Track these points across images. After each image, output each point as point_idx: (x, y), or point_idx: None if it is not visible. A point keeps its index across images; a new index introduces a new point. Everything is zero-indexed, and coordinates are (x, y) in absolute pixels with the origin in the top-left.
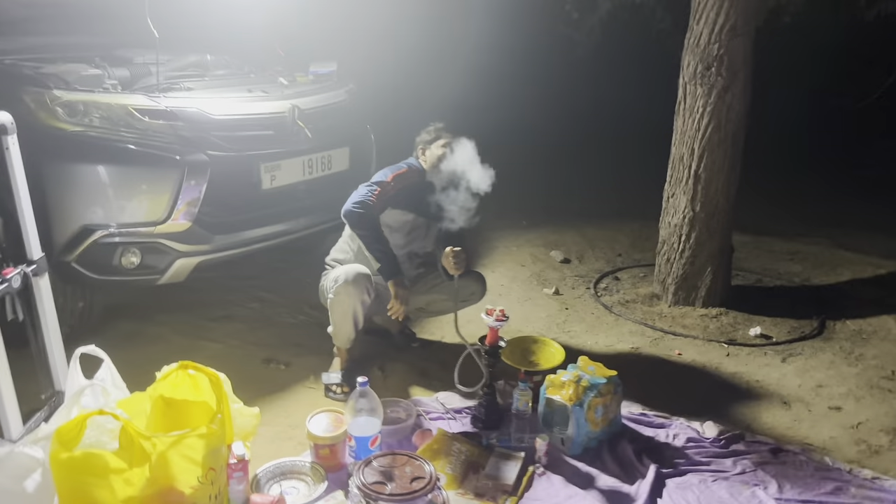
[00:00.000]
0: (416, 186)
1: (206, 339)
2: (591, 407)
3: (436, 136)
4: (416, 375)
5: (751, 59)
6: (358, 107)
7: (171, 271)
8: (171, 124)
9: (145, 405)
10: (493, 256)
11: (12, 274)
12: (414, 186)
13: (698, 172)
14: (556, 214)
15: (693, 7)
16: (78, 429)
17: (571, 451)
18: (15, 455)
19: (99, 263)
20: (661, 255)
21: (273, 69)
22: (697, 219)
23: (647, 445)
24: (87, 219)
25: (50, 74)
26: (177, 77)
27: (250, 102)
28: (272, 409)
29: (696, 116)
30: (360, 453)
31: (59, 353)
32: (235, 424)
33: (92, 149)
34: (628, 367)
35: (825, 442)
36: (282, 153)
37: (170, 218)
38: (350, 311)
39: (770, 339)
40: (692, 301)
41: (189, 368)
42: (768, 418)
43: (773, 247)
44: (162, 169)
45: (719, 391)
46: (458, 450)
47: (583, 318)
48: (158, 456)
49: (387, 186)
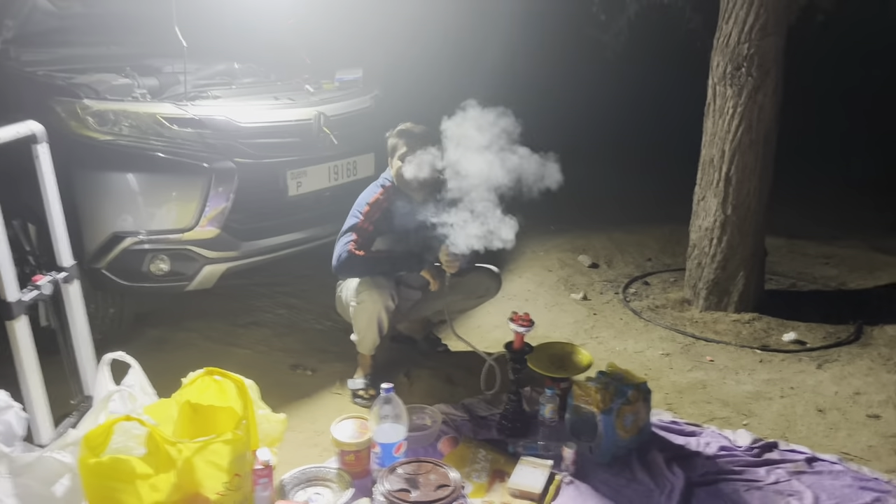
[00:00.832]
0: (397, 206)
1: (234, 344)
2: (619, 414)
3: (391, 146)
4: (441, 381)
5: (782, 59)
6: (383, 112)
7: (200, 278)
8: (198, 132)
9: (172, 411)
10: (520, 261)
11: (43, 281)
12: (395, 207)
13: (729, 175)
14: (585, 218)
15: (722, 6)
16: (105, 434)
17: (600, 459)
18: (44, 460)
19: (129, 270)
20: (692, 260)
21: (300, 76)
22: (729, 222)
23: (678, 454)
24: (117, 226)
25: (81, 84)
26: (204, 85)
27: (277, 110)
28: (299, 414)
29: (727, 117)
30: (385, 460)
31: (89, 359)
32: (261, 430)
33: (121, 157)
34: (658, 374)
35: (863, 451)
36: (308, 160)
37: (198, 225)
38: (375, 317)
39: (805, 345)
40: (724, 306)
41: (215, 374)
42: (803, 426)
43: (808, 250)
44: (190, 176)
45: (752, 398)
46: (484, 457)
47: (611, 324)
48: (184, 462)
49: (364, 225)
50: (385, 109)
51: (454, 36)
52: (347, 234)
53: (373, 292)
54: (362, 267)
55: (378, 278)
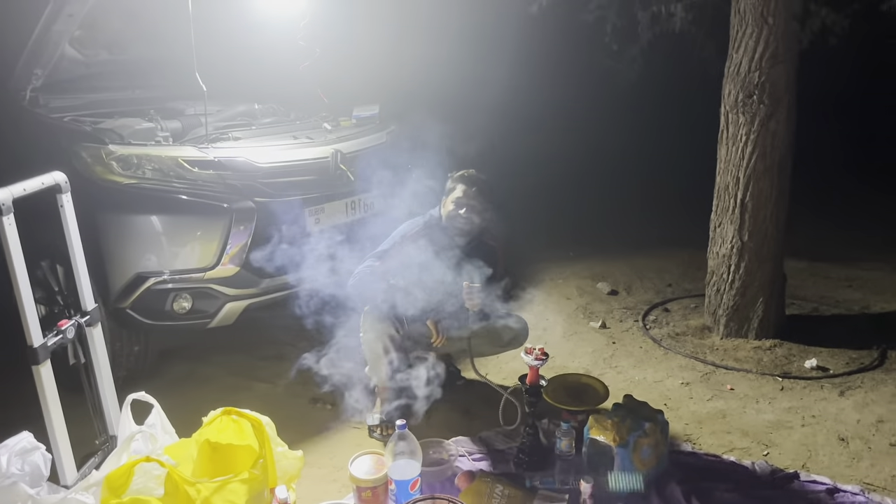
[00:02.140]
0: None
1: (256, 378)
2: (636, 447)
3: (448, 188)
4: (459, 414)
5: (794, 85)
6: (398, 148)
7: (221, 315)
8: (219, 174)
9: (192, 450)
10: (539, 290)
11: (67, 325)
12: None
13: (745, 201)
14: (604, 244)
15: (732, 35)
16: (126, 476)
17: (617, 492)
18: (68, 501)
19: (152, 309)
20: (711, 286)
21: (318, 115)
22: (746, 248)
23: (697, 486)
24: (141, 267)
25: (106, 129)
26: (225, 127)
27: (294, 149)
28: (318, 450)
29: (740, 145)
30: (401, 497)
31: (112, 399)
32: (279, 467)
33: (144, 200)
34: (678, 404)
35: (886, 481)
36: (325, 196)
37: (219, 264)
38: (380, 345)
39: (827, 372)
40: (744, 333)
41: (233, 414)
42: (825, 456)
43: (830, 273)
44: (211, 217)
45: (772, 428)
46: (501, 492)
47: (630, 353)
48: (203, 502)
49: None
50: (401, 144)
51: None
52: (371, 259)
53: (376, 323)
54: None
55: (380, 308)
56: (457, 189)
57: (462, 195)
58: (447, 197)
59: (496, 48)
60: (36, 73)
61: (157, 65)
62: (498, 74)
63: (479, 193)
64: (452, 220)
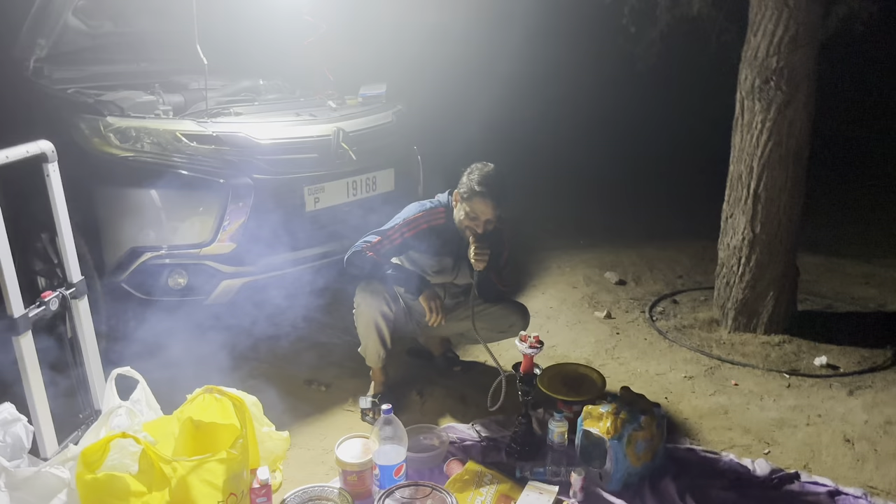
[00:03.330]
0: (440, 227)
1: (252, 358)
2: (631, 441)
3: (468, 194)
4: (454, 401)
5: (814, 72)
6: (405, 128)
7: (217, 292)
8: (217, 149)
9: (173, 428)
10: (546, 277)
11: (50, 297)
12: (438, 227)
13: (758, 192)
14: (616, 233)
15: (750, 18)
16: (102, 451)
17: (610, 486)
18: (42, 475)
19: (147, 284)
20: (721, 279)
21: (324, 92)
22: (758, 240)
23: (692, 483)
24: (136, 241)
25: (106, 102)
26: (228, 102)
27: (295, 126)
28: (309, 431)
29: (755, 133)
30: (384, 482)
31: (98, 373)
32: (264, 448)
33: (141, 173)
34: (679, 398)
35: (891, 485)
36: (326, 175)
37: (215, 240)
38: (371, 323)
39: (837, 370)
40: (753, 327)
41: (215, 392)
42: (828, 457)
43: (847, 269)
44: (208, 192)
45: (776, 426)
46: (490, 481)
47: (634, 344)
48: (178, 480)
49: (391, 235)
50: (407, 125)
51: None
52: (371, 235)
53: (367, 297)
54: (367, 266)
55: (373, 283)
56: (476, 200)
57: (484, 213)
58: (465, 202)
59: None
60: (40, 43)
61: (163, 38)
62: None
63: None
64: (465, 229)
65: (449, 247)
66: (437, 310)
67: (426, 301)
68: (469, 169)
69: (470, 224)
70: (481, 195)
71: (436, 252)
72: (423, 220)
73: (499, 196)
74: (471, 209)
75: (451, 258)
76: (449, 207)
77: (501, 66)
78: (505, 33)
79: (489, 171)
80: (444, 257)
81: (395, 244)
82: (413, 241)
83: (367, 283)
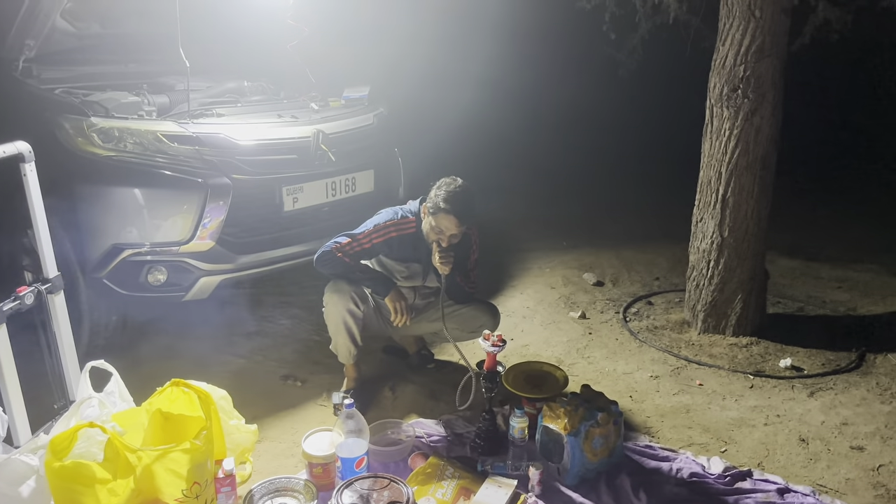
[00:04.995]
0: (409, 235)
1: (233, 354)
2: (588, 437)
3: (434, 209)
4: (424, 397)
5: (781, 81)
6: (386, 130)
7: (195, 289)
8: (196, 149)
9: (142, 419)
10: (525, 278)
11: (25, 292)
12: (407, 235)
13: (726, 197)
14: (597, 235)
15: (719, 28)
16: (70, 440)
17: (567, 481)
18: (12, 462)
19: (127, 280)
20: (691, 281)
21: (308, 94)
22: (726, 244)
23: (647, 479)
24: (117, 238)
25: (91, 102)
26: (211, 103)
27: (275, 128)
28: (281, 425)
29: (723, 139)
30: (346, 474)
31: (73, 366)
32: (232, 440)
33: (123, 172)
34: (643, 397)
35: (840, 484)
36: (304, 176)
37: (194, 238)
38: (340, 321)
39: (801, 372)
40: (722, 329)
41: (182, 385)
42: (782, 456)
43: (822, 273)
44: (187, 192)
45: (734, 425)
46: (452, 475)
47: (605, 344)
48: (143, 468)
49: (362, 238)
50: (388, 127)
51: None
52: (342, 236)
53: (334, 296)
54: (335, 266)
55: (340, 283)
56: (441, 216)
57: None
58: (432, 216)
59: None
60: (28, 43)
61: (149, 40)
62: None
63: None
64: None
65: (417, 254)
66: (401, 310)
67: (391, 302)
68: (437, 183)
69: (436, 237)
70: (446, 212)
71: (404, 258)
72: (392, 229)
73: (463, 213)
74: (437, 224)
75: (419, 264)
76: (419, 217)
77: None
78: (487, 37)
79: (456, 188)
80: (413, 263)
81: (364, 248)
82: (381, 247)
83: (334, 282)
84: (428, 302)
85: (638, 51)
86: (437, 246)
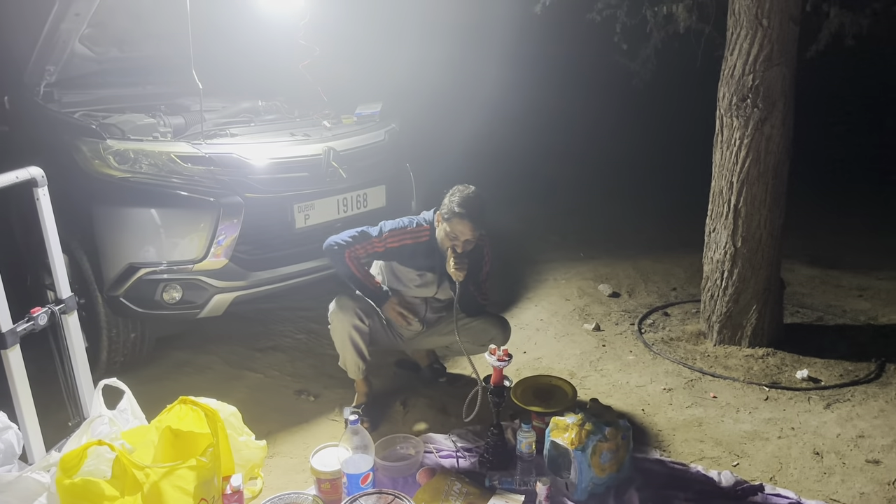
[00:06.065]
0: (423, 244)
1: (248, 369)
2: (595, 452)
3: (448, 215)
4: (435, 412)
5: (791, 89)
6: (397, 146)
7: (210, 306)
8: (209, 169)
9: (152, 436)
10: (540, 289)
11: (39, 313)
12: (421, 244)
13: (738, 207)
14: (614, 246)
15: (728, 38)
16: (79, 457)
17: (575, 496)
18: (24, 479)
19: (143, 298)
20: (706, 292)
21: (321, 112)
22: (739, 254)
23: (657, 494)
24: (133, 257)
25: (108, 125)
26: (225, 124)
27: (286, 146)
28: (293, 440)
29: (734, 149)
30: (352, 489)
31: (88, 384)
32: (241, 456)
33: (138, 193)
34: (656, 410)
35: (854, 498)
36: (316, 193)
37: (207, 256)
38: (346, 337)
39: (818, 383)
40: (738, 340)
41: (189, 403)
42: (796, 470)
43: (842, 282)
44: (200, 211)
45: (747, 438)
46: (459, 490)
47: (619, 357)
48: (151, 485)
49: (375, 242)
50: (400, 142)
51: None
52: (356, 234)
53: (338, 313)
54: (339, 266)
55: (343, 299)
56: (455, 221)
57: (463, 233)
58: (446, 222)
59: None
60: (48, 69)
61: (166, 62)
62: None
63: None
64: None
65: (431, 262)
66: (405, 315)
67: (389, 312)
68: (451, 191)
69: (451, 244)
70: (460, 216)
71: (418, 267)
72: (408, 236)
73: (477, 218)
74: (451, 229)
75: (433, 273)
76: (434, 226)
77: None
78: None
79: (469, 194)
80: (427, 272)
81: (377, 251)
82: (395, 254)
83: (338, 299)
84: (440, 316)
85: (652, 60)
86: (452, 252)
